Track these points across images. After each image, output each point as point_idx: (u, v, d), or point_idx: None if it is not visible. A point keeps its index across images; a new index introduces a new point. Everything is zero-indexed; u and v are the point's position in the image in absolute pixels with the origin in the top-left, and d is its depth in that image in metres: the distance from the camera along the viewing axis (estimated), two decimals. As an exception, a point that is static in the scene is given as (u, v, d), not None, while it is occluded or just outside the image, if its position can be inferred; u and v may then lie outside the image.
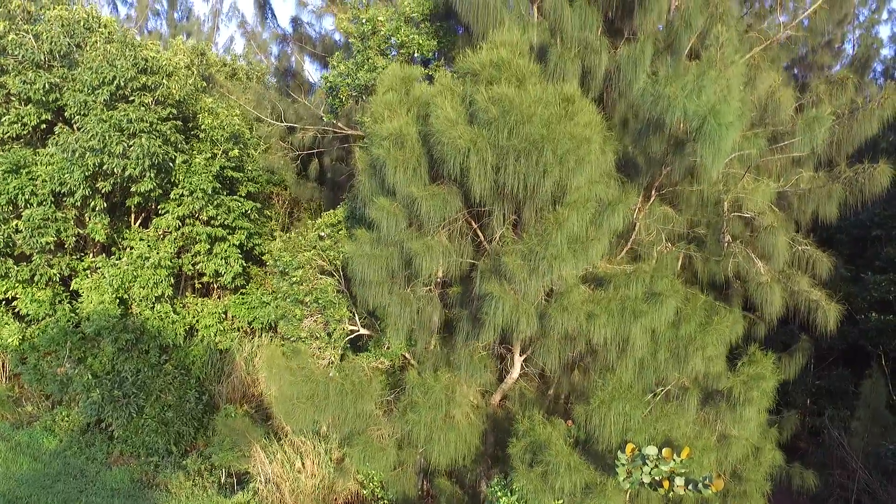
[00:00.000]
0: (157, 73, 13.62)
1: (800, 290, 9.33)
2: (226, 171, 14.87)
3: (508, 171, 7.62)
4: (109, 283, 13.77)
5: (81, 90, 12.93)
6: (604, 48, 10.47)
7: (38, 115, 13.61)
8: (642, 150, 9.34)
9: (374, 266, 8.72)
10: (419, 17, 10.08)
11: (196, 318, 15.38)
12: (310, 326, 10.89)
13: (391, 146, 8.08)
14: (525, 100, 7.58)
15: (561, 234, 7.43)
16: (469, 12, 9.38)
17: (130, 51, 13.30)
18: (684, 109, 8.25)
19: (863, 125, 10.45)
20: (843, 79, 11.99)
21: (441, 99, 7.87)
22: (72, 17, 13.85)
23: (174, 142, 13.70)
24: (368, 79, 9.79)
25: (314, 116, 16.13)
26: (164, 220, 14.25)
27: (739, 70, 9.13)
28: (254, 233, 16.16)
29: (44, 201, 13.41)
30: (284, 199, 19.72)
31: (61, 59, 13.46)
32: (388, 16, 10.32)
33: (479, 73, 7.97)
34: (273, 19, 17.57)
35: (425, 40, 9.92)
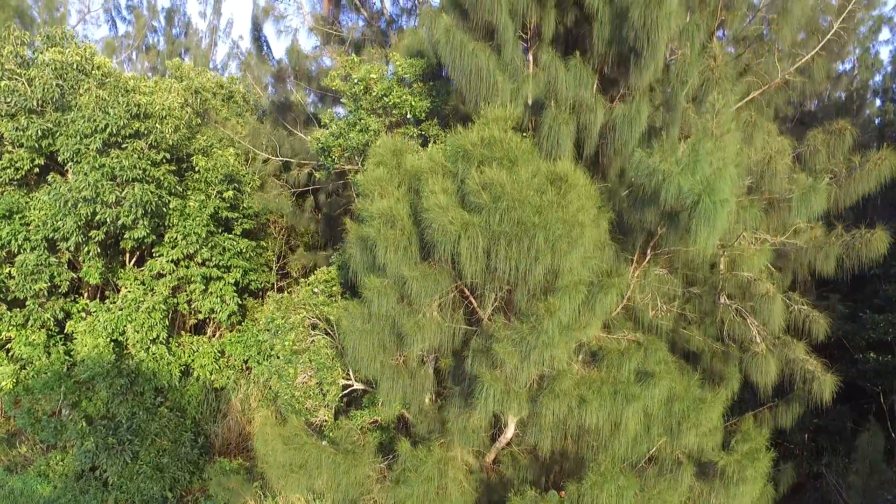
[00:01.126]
0: (151, 118, 13.52)
1: (795, 359, 9.25)
2: (221, 212, 14.79)
3: (500, 256, 7.54)
4: (104, 327, 13.71)
5: (74, 137, 12.84)
6: (599, 105, 10.38)
7: (30, 160, 13.53)
8: (637, 219, 9.25)
9: (365, 342, 8.66)
10: (411, 77, 9.99)
11: (191, 357, 15.33)
12: (304, 384, 10.84)
13: (382, 225, 8.00)
14: (517, 184, 7.49)
15: (552, 322, 7.34)
16: (462, 78, 9.28)
17: (124, 96, 13.21)
18: (679, 187, 8.17)
19: (860, 184, 10.35)
20: (841, 129, 11.90)
21: (432, 180, 7.79)
22: (65, 59, 13.75)
23: (168, 186, 13.63)
24: (360, 140, 9.70)
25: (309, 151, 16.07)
26: (158, 262, 14.19)
27: (736, 138, 9.02)
28: (250, 269, 16.11)
29: (37, 247, 13.35)
30: (281, 225, 19.63)
31: (54, 105, 13.35)
32: (379, 73, 10.22)
33: (470, 152, 7.88)
34: (269, 51, 17.43)
35: (418, 101, 9.83)
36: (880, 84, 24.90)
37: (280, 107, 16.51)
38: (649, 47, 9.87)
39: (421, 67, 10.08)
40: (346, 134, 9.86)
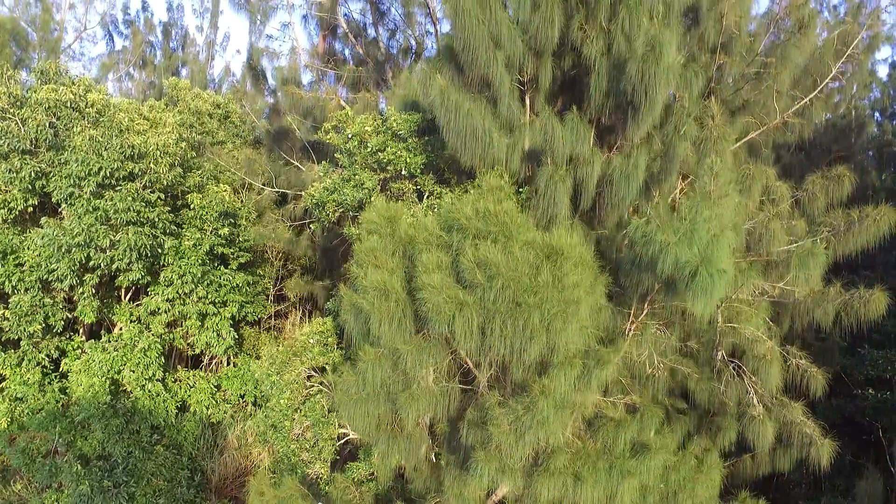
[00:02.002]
0: (146, 157, 13.42)
1: (793, 422, 9.20)
2: (216, 248, 14.72)
3: (495, 334, 7.47)
4: (99, 367, 13.65)
5: (68, 179, 12.74)
6: (596, 159, 10.29)
7: (24, 200, 13.43)
8: (633, 282, 9.18)
9: (360, 409, 8.59)
10: (406, 133, 9.89)
11: (188, 392, 15.29)
12: (300, 436, 10.78)
13: (376, 298, 7.93)
14: (511, 262, 7.42)
15: (547, 402, 7.28)
16: (457, 139, 9.19)
17: (118, 136, 13.11)
18: (676, 257, 8.10)
19: (858, 239, 10.28)
20: (839, 175, 11.83)
21: (427, 255, 7.71)
22: (59, 97, 13.64)
23: (163, 227, 13.54)
24: (354, 197, 9.61)
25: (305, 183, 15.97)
26: (154, 301, 14.12)
27: (734, 200, 8.94)
28: (246, 302, 16.05)
29: (31, 287, 13.27)
30: (278, 250, 19.55)
31: (47, 145, 13.25)
32: (374, 126, 10.12)
33: (465, 226, 7.80)
34: (265, 79, 17.31)
35: (412, 157, 9.74)
36: (878, 96, 24.82)
37: (276, 135, 16.41)
38: (647, 102, 9.78)
39: (416, 122, 9.99)
40: (341, 189, 9.78)
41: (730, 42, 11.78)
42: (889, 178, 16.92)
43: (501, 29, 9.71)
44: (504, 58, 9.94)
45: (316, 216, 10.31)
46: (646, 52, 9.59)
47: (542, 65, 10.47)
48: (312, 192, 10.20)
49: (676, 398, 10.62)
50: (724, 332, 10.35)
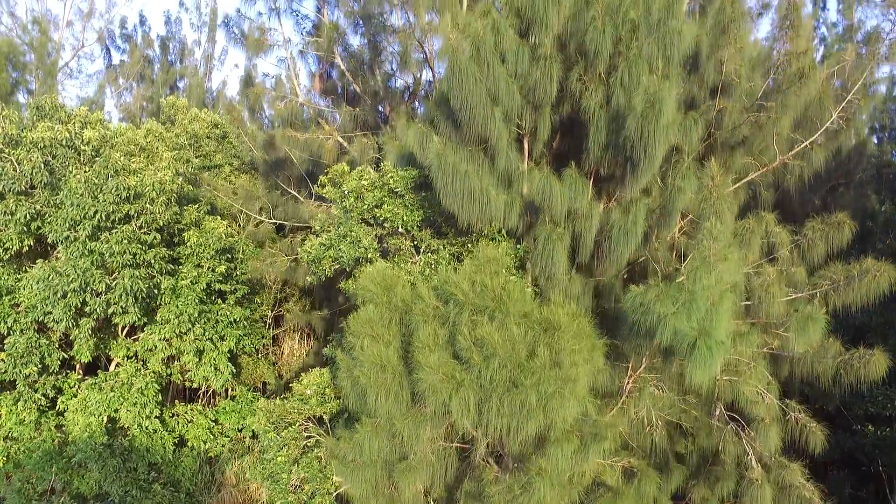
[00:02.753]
0: (142, 198, 13.33)
1: (792, 485, 9.15)
2: (213, 285, 14.66)
3: (491, 412, 7.42)
4: (96, 406, 13.60)
5: (63, 223, 12.67)
6: (594, 213, 10.22)
7: (20, 240, 13.35)
8: (631, 348, 9.14)
9: (358, 475, 8.55)
10: (403, 189, 9.82)
11: (185, 427, 15.24)
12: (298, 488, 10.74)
13: (373, 372, 7.87)
14: (507, 342, 7.36)
15: (544, 482, 7.23)
16: (454, 201, 9.11)
17: (113, 178, 13.03)
18: (674, 330, 8.05)
19: (858, 294, 10.22)
20: (839, 222, 11.77)
21: (423, 330, 7.65)
22: (54, 136, 13.56)
23: (159, 267, 13.47)
24: (351, 255, 9.54)
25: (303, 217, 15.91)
26: (151, 339, 14.06)
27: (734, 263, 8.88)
28: (245, 334, 15.98)
29: (27, 329, 13.20)
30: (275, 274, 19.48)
31: (43, 185, 13.17)
32: (371, 180, 10.05)
33: (462, 301, 7.73)
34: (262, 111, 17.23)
35: (409, 214, 9.67)
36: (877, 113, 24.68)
37: (273, 165, 16.32)
38: (646, 159, 9.72)
39: (413, 178, 9.92)
40: (337, 245, 9.71)
41: (730, 86, 11.72)
42: (889, 210, 16.83)
43: (499, 85, 9.63)
44: (502, 112, 9.86)
45: (312, 270, 10.24)
46: (645, 108, 9.51)
47: (540, 117, 10.40)
48: (309, 248, 10.13)
49: (675, 443, 10.59)
50: (722, 387, 10.32)
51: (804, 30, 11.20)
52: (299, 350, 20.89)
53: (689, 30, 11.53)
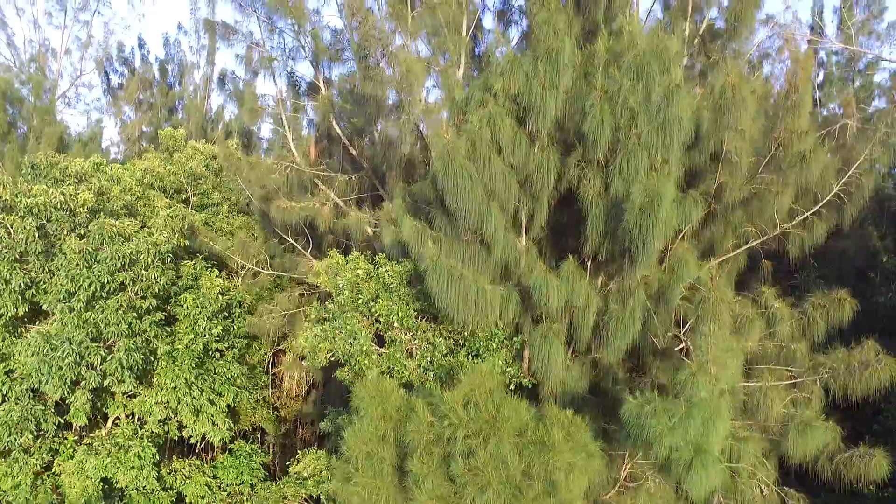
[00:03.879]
0: (137, 265, 13.24)
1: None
2: (210, 345, 14.59)
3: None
4: (92, 471, 13.55)
5: (57, 295, 12.59)
6: (591, 305, 10.11)
7: (14, 307, 13.26)
8: (628, 448, 9.05)
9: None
10: (397, 283, 9.73)
11: (183, 483, 15.20)
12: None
13: (367, 492, 7.80)
14: (501, 469, 7.28)
15: None
16: (450, 306, 9.01)
17: (109, 245, 12.94)
18: (671, 446, 7.96)
19: (859, 385, 10.11)
20: (840, 299, 11.65)
21: (418, 455, 7.58)
22: (48, 199, 13.46)
23: (155, 333, 13.39)
24: (347, 351, 9.46)
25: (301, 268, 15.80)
26: (147, 402, 13.99)
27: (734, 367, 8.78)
28: (243, 387, 15.91)
29: (22, 396, 13.14)
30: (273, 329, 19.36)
31: (37, 254, 13.07)
32: (366, 270, 9.96)
33: (456, 425, 7.65)
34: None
35: (404, 309, 9.58)
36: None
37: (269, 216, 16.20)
38: (644, 252, 9.61)
39: (408, 272, 9.82)
40: (332, 338, 9.63)
41: (730, 163, 11.57)
42: (891, 261, 16.67)
43: (496, 180, 9.51)
44: (499, 204, 9.75)
45: (308, 360, 10.16)
46: (643, 204, 9.39)
47: (538, 204, 10.27)
48: (303, 339, 10.05)
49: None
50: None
51: (804, 108, 11.03)
52: (298, 390, 20.87)
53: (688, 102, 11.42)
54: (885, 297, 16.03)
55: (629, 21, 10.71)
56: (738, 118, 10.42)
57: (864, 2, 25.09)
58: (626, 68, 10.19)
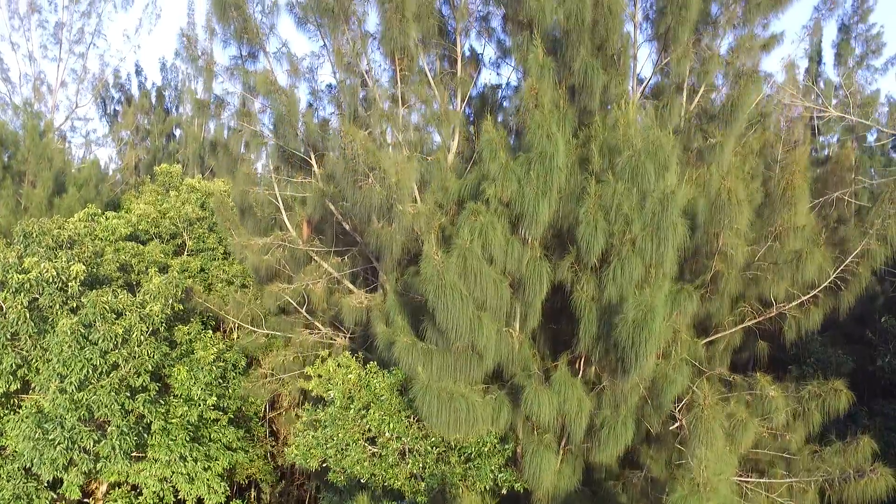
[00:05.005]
0: (130, 341, 13.16)
1: None
2: (206, 413, 14.54)
3: None
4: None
5: (49, 378, 12.53)
6: (584, 410, 10.03)
7: (6, 385, 13.20)
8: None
9: None
10: (388, 394, 9.65)
11: (179, 549, 15.19)
12: None
13: None
14: None
15: None
16: (440, 427, 8.93)
17: (102, 323, 12.86)
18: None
19: (855, 494, 10.04)
20: (836, 389, 11.58)
21: None
22: (40, 273, 13.37)
23: (148, 410, 13.33)
24: (339, 461, 9.39)
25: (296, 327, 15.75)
26: (142, 475, 13.95)
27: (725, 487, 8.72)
28: (240, 448, 15.88)
29: (13, 475, 13.10)
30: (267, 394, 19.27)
31: (28, 336, 13.01)
32: (357, 373, 9.88)
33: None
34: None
35: (396, 421, 9.51)
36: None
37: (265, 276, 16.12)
38: (637, 363, 9.52)
39: (399, 381, 9.74)
40: (323, 445, 9.56)
41: (725, 254, 11.47)
42: (888, 321, 16.55)
43: (487, 294, 9.41)
44: (491, 314, 9.66)
45: (298, 464, 10.10)
46: (637, 317, 9.30)
47: (531, 310, 10.18)
48: (295, 448, 9.99)
49: None
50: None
51: (801, 203, 10.91)
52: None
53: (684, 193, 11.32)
54: (885, 359, 15.93)
55: (624, 113, 10.57)
56: (734, 219, 10.30)
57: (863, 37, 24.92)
58: (621, 169, 10.09)
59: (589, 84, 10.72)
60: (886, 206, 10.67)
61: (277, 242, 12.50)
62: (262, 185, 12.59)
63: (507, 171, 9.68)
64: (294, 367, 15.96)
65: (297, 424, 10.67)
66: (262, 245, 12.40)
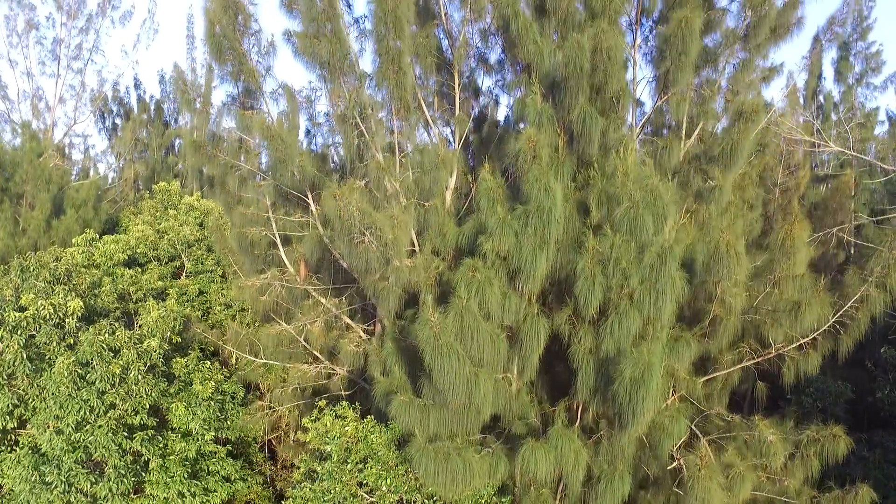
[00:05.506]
0: (127, 380, 13.14)
1: None
2: (203, 448, 14.52)
3: None
4: None
5: (47, 418, 12.51)
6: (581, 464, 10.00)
7: (3, 423, 13.19)
8: None
9: None
10: (385, 450, 9.63)
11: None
12: None
13: None
14: None
15: None
16: (437, 486, 8.91)
17: (99, 364, 12.84)
18: None
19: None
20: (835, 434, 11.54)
21: None
22: (37, 313, 13.34)
23: (146, 448, 13.32)
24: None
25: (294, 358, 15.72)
26: (139, 511, 13.96)
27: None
28: (238, 479, 15.87)
29: (11, 515, 13.12)
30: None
31: (25, 376, 12.98)
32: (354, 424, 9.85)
33: None
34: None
35: (393, 476, 9.49)
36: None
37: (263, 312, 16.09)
38: (633, 420, 9.48)
39: (396, 435, 9.72)
40: (322, 498, 9.54)
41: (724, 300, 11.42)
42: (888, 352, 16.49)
43: (484, 351, 9.37)
44: (488, 369, 9.62)
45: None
46: (634, 375, 9.26)
47: (527, 364, 10.15)
48: (293, 502, 9.96)
49: None
50: None
51: (801, 255, 10.85)
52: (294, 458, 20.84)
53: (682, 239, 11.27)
54: (884, 392, 15.88)
55: (623, 161, 10.50)
56: (732, 271, 10.25)
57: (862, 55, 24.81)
58: (619, 221, 10.03)
59: (588, 133, 10.64)
60: (887, 255, 10.60)
61: (275, 282, 12.45)
62: (259, 224, 12.53)
63: (504, 225, 9.63)
64: (293, 399, 15.97)
65: (295, 475, 10.66)
66: (260, 286, 12.35)
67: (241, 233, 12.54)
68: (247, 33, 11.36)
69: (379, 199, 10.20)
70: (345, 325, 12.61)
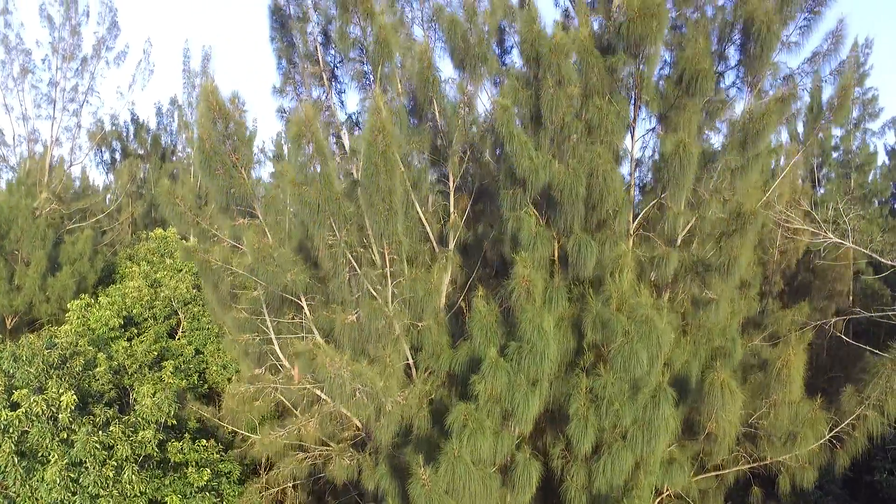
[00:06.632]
0: (122, 480, 13.13)
1: None
2: None
3: None
4: None
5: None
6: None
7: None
8: None
9: None
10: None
11: None
12: None
13: None
14: None
15: None
16: None
17: (93, 465, 12.81)
18: None
19: None
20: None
21: None
22: (29, 408, 13.30)
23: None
24: None
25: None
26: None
27: None
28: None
29: None
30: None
31: (15, 479, 12.97)
32: None
33: None
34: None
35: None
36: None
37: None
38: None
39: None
40: None
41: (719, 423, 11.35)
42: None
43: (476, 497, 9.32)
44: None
45: None
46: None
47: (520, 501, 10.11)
48: None
49: None
50: None
51: (797, 383, 10.77)
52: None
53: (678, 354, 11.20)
54: (882, 475, 15.84)
55: (618, 287, 10.41)
56: (728, 407, 10.17)
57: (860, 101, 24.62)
58: (613, 357, 9.95)
59: (582, 259, 10.53)
60: (883, 381, 10.53)
61: (269, 385, 12.41)
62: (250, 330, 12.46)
63: (496, 368, 9.55)
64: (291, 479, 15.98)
65: None
66: (255, 391, 12.31)
67: (230, 342, 12.48)
68: (239, 149, 11.24)
69: (370, 333, 10.13)
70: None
